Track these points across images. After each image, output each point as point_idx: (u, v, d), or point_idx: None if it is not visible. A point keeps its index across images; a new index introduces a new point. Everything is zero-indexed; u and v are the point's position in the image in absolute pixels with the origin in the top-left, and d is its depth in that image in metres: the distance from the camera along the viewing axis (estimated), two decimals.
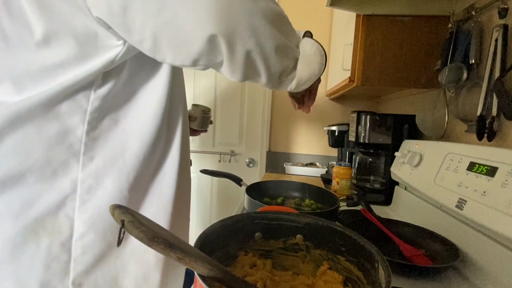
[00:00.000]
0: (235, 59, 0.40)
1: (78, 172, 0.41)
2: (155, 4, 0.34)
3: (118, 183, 0.43)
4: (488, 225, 0.57)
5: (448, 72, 0.83)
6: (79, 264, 0.42)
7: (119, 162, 0.43)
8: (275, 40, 0.42)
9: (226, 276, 0.33)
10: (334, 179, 1.20)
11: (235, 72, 0.43)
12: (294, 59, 0.49)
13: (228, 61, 0.40)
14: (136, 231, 0.29)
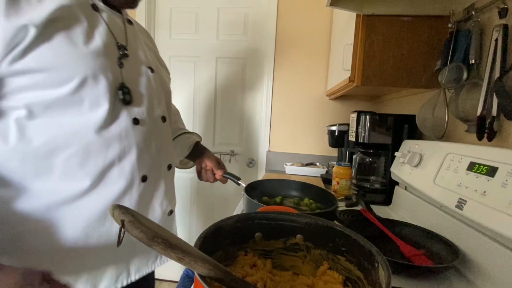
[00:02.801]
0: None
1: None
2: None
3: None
4: (488, 225, 0.57)
5: (448, 72, 0.83)
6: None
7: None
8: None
9: (226, 276, 0.33)
10: (334, 179, 1.20)
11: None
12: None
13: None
14: (136, 231, 0.29)
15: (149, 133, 0.61)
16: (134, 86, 0.58)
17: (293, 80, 1.76)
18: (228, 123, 1.87)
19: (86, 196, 0.53)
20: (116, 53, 0.55)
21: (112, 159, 0.54)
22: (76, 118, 0.50)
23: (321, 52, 1.71)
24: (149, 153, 0.61)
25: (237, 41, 1.80)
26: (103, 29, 0.53)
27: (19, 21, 0.41)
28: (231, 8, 1.78)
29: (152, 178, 0.63)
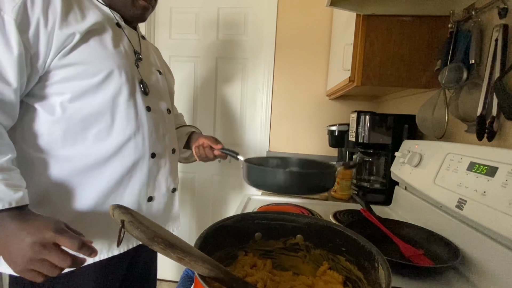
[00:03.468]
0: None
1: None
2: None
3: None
4: (488, 225, 0.57)
5: (448, 72, 0.83)
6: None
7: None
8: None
9: (226, 276, 0.33)
10: None
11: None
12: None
13: None
14: (136, 231, 0.29)
15: (157, 120, 0.76)
16: (148, 82, 0.75)
17: (293, 80, 1.76)
18: (228, 123, 1.87)
19: (109, 162, 0.66)
20: (133, 57, 0.72)
21: (130, 134, 0.68)
22: (104, 102, 0.64)
23: (321, 52, 1.70)
24: (157, 135, 0.75)
25: (237, 41, 1.80)
26: (125, 39, 0.71)
27: (69, 30, 0.58)
28: (231, 8, 1.78)
29: (159, 156, 0.76)
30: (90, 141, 0.64)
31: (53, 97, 0.61)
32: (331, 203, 1.14)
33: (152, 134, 0.73)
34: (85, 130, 0.64)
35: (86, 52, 0.61)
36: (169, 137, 0.81)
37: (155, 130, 0.74)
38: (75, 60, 0.60)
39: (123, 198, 0.70)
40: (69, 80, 0.61)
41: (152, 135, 0.73)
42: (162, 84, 0.81)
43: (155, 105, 0.76)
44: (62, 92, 0.61)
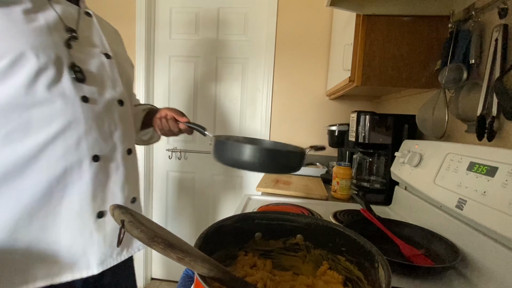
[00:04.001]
0: None
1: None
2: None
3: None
4: (488, 225, 0.57)
5: (448, 72, 0.83)
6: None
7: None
8: None
9: (226, 276, 0.33)
10: (334, 179, 1.20)
11: None
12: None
13: None
14: (136, 231, 0.29)
15: (101, 113, 0.62)
16: (86, 66, 0.61)
17: (293, 80, 1.76)
18: (228, 123, 1.87)
19: (28, 170, 0.54)
20: (64, 35, 0.58)
21: (55, 132, 0.55)
22: (15, 92, 0.52)
23: (321, 52, 1.71)
24: (101, 133, 0.62)
25: (237, 41, 1.80)
26: (50, 14, 0.57)
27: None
28: (231, 8, 1.78)
29: (106, 159, 0.63)
30: (1, 138, 0.52)
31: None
32: (331, 203, 1.14)
33: (92, 132, 0.60)
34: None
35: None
36: (121, 135, 0.66)
37: (97, 126, 0.61)
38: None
39: (58, 215, 0.57)
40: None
41: (92, 133, 0.60)
42: (110, 70, 0.66)
43: (96, 95, 0.61)
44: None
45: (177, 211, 1.98)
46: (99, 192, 0.62)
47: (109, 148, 0.64)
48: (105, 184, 0.63)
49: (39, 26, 0.54)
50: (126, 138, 0.68)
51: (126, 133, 0.68)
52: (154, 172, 1.97)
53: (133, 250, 0.71)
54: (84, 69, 0.60)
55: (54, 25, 0.57)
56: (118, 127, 0.66)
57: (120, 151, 0.66)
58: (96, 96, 0.62)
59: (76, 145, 0.58)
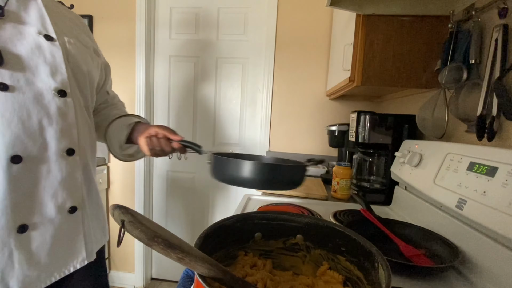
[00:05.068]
0: None
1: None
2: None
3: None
4: (488, 225, 0.57)
5: (448, 72, 0.83)
6: None
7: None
8: None
9: (226, 276, 0.33)
10: (334, 179, 1.20)
11: None
12: None
13: None
14: (136, 231, 0.29)
15: (27, 104, 0.53)
16: (10, 47, 0.52)
17: (293, 80, 1.76)
18: (228, 123, 1.87)
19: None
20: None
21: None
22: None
23: (321, 52, 1.71)
24: (25, 127, 0.52)
25: (237, 41, 1.80)
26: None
27: None
28: (231, 8, 1.78)
29: (33, 161, 0.54)
30: None
31: None
32: (331, 203, 1.14)
33: (12, 126, 0.50)
34: None
35: None
36: (58, 132, 0.56)
37: (20, 119, 0.51)
38: None
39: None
40: None
41: (12, 128, 0.50)
42: (50, 55, 0.56)
43: (22, 83, 0.52)
44: None
45: (177, 211, 1.98)
46: (22, 201, 0.52)
47: (37, 147, 0.54)
48: (31, 191, 0.54)
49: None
50: (65, 136, 0.57)
51: (65, 130, 0.58)
52: (154, 172, 1.97)
53: (68, 269, 0.60)
54: (4, 51, 0.51)
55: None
56: (54, 122, 0.56)
57: (54, 151, 0.56)
58: (21, 84, 0.52)
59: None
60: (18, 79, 0.52)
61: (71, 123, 0.59)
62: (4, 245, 0.51)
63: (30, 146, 0.53)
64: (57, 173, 0.57)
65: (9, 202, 0.51)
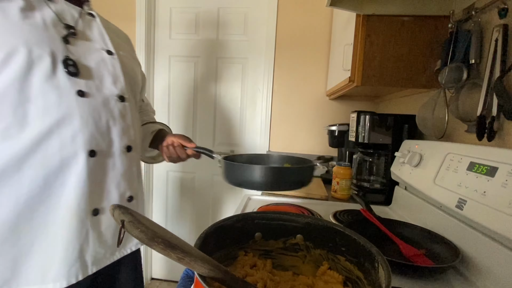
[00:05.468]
0: None
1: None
2: None
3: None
4: (488, 225, 0.57)
5: (448, 72, 0.83)
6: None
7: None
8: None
9: (226, 276, 0.33)
10: (334, 179, 1.20)
11: None
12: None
13: None
14: (136, 231, 0.29)
15: (98, 108, 0.61)
16: (83, 61, 0.61)
17: (293, 80, 1.76)
18: (228, 123, 1.87)
19: (25, 164, 0.54)
20: (62, 31, 0.59)
21: (50, 126, 0.55)
22: (9, 86, 0.52)
23: (321, 52, 1.71)
24: (98, 128, 0.61)
25: (237, 41, 1.80)
26: (47, 12, 0.58)
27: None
28: (231, 8, 1.78)
29: (103, 155, 0.62)
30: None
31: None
32: (331, 203, 1.14)
33: (89, 126, 0.59)
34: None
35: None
36: (120, 131, 0.65)
37: (93, 121, 0.60)
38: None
39: (57, 209, 0.57)
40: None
41: (89, 128, 0.59)
42: (112, 66, 0.67)
43: (93, 90, 0.61)
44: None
45: (177, 211, 1.98)
46: (96, 189, 0.61)
47: (105, 144, 0.63)
48: (102, 181, 0.63)
49: (35, 22, 0.55)
50: (125, 135, 0.67)
51: (125, 130, 0.67)
52: (154, 172, 1.97)
53: (126, 250, 0.70)
54: (79, 63, 0.60)
55: (51, 22, 0.58)
56: (117, 123, 0.65)
57: (117, 147, 0.65)
58: (93, 91, 0.61)
59: (71, 140, 0.57)
60: (91, 87, 0.61)
61: (129, 124, 0.68)
62: (83, 225, 0.60)
63: (101, 142, 0.62)
64: (120, 166, 0.66)
65: (87, 189, 0.59)
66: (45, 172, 0.56)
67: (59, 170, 0.57)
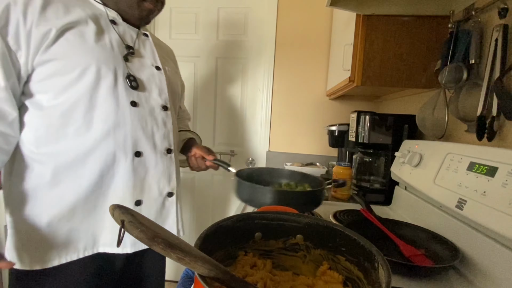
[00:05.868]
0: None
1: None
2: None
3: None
4: (488, 225, 0.57)
5: (448, 72, 0.83)
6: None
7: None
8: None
9: (226, 276, 0.33)
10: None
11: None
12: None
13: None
14: (136, 231, 0.29)
15: (145, 116, 0.72)
16: (138, 75, 0.73)
17: (293, 80, 1.76)
18: (228, 123, 1.87)
19: (88, 158, 0.66)
20: (124, 51, 0.71)
21: (108, 129, 0.67)
22: (82, 96, 0.64)
23: (321, 52, 1.71)
24: (144, 132, 0.72)
25: (237, 41, 1.80)
26: (113, 34, 0.70)
27: (45, 27, 0.59)
28: (231, 8, 1.78)
29: (147, 156, 0.73)
30: (70, 136, 0.64)
31: (39, 95, 0.63)
32: (331, 203, 1.14)
33: (137, 131, 0.70)
34: (65, 126, 0.64)
35: (64, 47, 0.62)
36: (162, 136, 0.76)
37: (141, 127, 0.71)
38: (54, 55, 0.61)
39: (106, 198, 0.69)
40: (51, 76, 0.62)
41: (137, 132, 0.70)
42: (159, 80, 0.77)
43: (143, 100, 0.72)
44: (46, 90, 0.63)
45: None
46: (139, 183, 0.72)
47: (150, 146, 0.73)
48: (144, 177, 0.73)
49: (104, 44, 0.67)
50: (166, 139, 0.77)
51: (166, 135, 0.78)
52: None
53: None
54: (137, 78, 0.72)
55: (116, 43, 0.70)
56: (160, 128, 0.76)
57: (159, 150, 0.75)
58: (143, 101, 0.72)
59: (123, 141, 0.68)
60: (141, 98, 0.72)
61: (169, 130, 0.79)
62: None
63: (146, 145, 0.72)
64: (160, 166, 0.76)
65: (132, 183, 0.70)
66: (101, 166, 0.67)
67: (112, 165, 0.68)
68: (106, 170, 0.67)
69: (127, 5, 0.72)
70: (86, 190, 0.66)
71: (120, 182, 0.69)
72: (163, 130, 0.76)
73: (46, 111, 0.63)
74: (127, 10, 0.73)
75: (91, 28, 0.65)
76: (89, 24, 0.66)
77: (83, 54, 0.63)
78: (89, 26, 0.65)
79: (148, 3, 0.73)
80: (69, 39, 0.62)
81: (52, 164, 0.64)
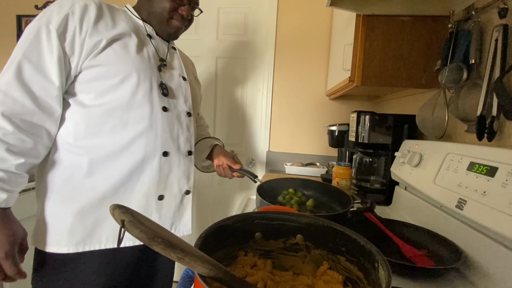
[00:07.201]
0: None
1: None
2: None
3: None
4: (488, 225, 0.57)
5: (448, 72, 0.83)
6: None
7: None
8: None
9: (226, 276, 0.33)
10: (334, 179, 1.20)
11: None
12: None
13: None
14: (136, 230, 0.29)
15: (172, 120, 0.80)
16: (168, 84, 0.81)
17: (293, 80, 1.76)
18: (228, 123, 1.87)
19: (121, 154, 0.72)
20: (158, 62, 0.80)
21: (142, 130, 0.74)
22: (122, 99, 0.71)
23: (321, 52, 1.71)
24: (171, 135, 0.79)
25: (237, 41, 1.80)
26: (150, 47, 0.80)
27: (97, 37, 0.68)
28: (231, 8, 1.78)
29: (172, 156, 0.80)
30: (107, 133, 0.71)
31: (82, 94, 0.70)
32: None
33: (165, 133, 0.78)
34: (104, 123, 0.70)
35: (110, 55, 0.70)
36: (185, 139, 0.83)
37: (169, 130, 0.79)
38: (101, 61, 0.69)
39: (133, 191, 0.74)
40: (96, 79, 0.69)
41: (165, 134, 0.78)
42: (185, 89, 0.86)
43: (172, 107, 0.80)
44: (89, 91, 0.70)
45: None
46: (163, 180, 0.78)
47: (175, 148, 0.80)
48: (168, 175, 0.79)
49: (143, 55, 0.75)
50: (188, 142, 0.85)
51: (188, 138, 0.85)
52: None
53: (179, 234, 0.83)
54: (168, 87, 0.80)
55: (152, 55, 0.78)
56: (184, 132, 0.83)
57: (182, 151, 0.83)
58: (172, 107, 0.80)
59: (153, 142, 0.75)
60: (170, 104, 0.80)
61: (191, 133, 0.87)
62: (149, 205, 0.77)
63: (172, 146, 0.79)
64: (182, 166, 0.83)
65: (157, 179, 0.77)
66: (132, 162, 0.73)
67: (141, 162, 0.74)
68: (136, 166, 0.73)
69: (158, 22, 0.82)
70: (116, 182, 0.72)
71: (147, 178, 0.75)
72: (186, 133, 0.84)
73: (87, 109, 0.69)
74: (158, 26, 0.83)
75: (133, 40, 0.74)
76: (132, 36, 0.74)
77: (126, 63, 0.71)
78: (132, 39, 0.74)
79: (175, 21, 0.84)
80: (115, 49, 0.70)
81: (87, 157, 0.69)
